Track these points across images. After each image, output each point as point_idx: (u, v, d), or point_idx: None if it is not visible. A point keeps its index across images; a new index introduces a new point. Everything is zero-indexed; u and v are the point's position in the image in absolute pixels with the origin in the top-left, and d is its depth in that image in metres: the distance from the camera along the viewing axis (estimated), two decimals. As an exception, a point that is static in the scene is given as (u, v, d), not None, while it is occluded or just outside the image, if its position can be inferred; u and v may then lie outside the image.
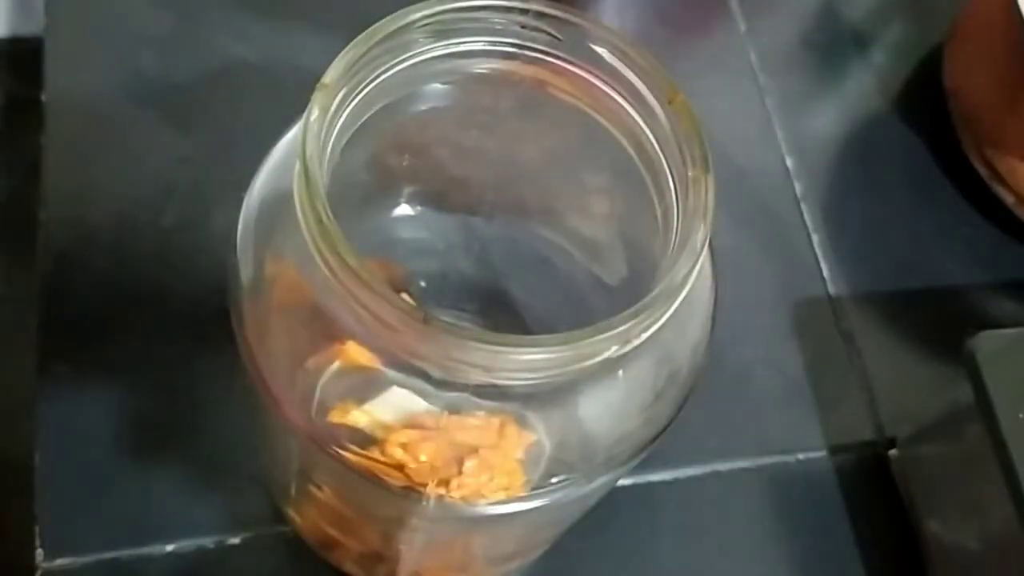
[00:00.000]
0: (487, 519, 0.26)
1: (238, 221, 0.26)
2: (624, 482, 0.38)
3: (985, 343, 0.34)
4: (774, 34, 0.49)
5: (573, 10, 0.24)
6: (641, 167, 0.24)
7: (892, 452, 0.40)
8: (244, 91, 0.43)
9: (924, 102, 0.48)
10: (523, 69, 0.25)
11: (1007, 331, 0.35)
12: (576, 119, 0.25)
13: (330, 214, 0.21)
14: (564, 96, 0.25)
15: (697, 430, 0.39)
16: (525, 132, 0.28)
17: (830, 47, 0.49)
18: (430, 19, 0.23)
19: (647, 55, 0.24)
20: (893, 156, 0.47)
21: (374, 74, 0.23)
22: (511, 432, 0.24)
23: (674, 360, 0.25)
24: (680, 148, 0.23)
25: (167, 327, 0.38)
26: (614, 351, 0.21)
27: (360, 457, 0.24)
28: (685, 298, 0.22)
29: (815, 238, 0.44)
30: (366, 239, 0.24)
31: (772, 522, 0.39)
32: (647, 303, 0.21)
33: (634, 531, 0.38)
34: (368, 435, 0.24)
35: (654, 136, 0.24)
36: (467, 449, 0.24)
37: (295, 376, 0.25)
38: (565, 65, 0.24)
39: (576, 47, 0.24)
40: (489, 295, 0.32)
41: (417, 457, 0.24)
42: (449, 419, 0.24)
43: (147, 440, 0.37)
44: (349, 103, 0.23)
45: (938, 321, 0.43)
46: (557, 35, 0.24)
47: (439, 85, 0.25)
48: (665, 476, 0.39)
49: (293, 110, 0.24)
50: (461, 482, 0.24)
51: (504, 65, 0.25)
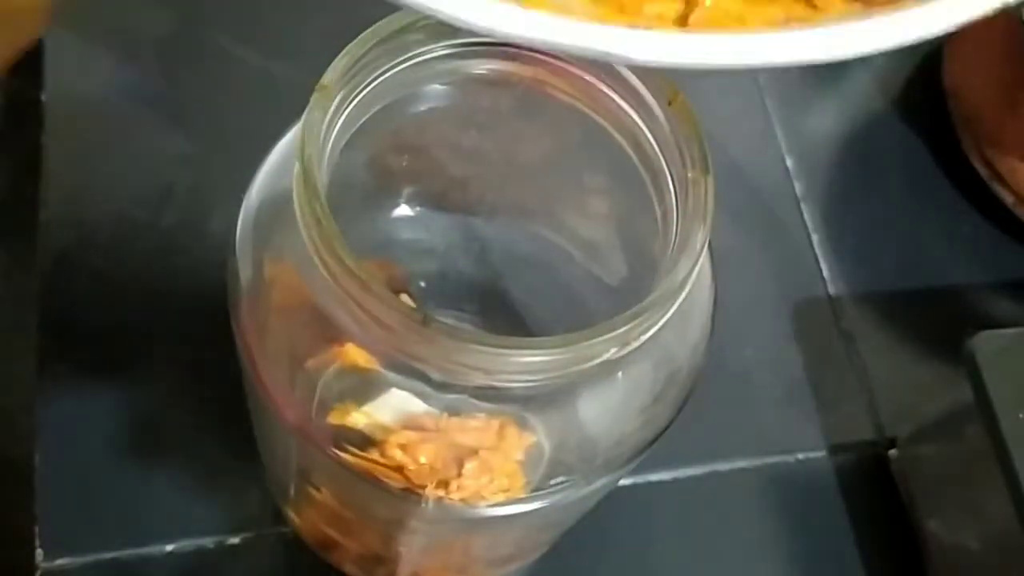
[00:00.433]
0: (486, 521, 0.26)
1: (237, 222, 0.26)
2: (624, 482, 0.38)
3: (985, 343, 0.34)
4: (774, 34, 0.48)
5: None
6: (641, 168, 0.24)
7: (892, 452, 0.40)
8: (244, 91, 0.43)
9: (924, 102, 0.48)
10: (522, 70, 0.25)
11: (1007, 331, 0.35)
12: (575, 120, 0.25)
13: (329, 215, 0.21)
14: (563, 97, 0.25)
15: (697, 430, 0.38)
16: (524, 133, 0.28)
17: (830, 47, 0.49)
18: (430, 20, 0.23)
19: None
20: (893, 156, 0.47)
21: (373, 75, 0.23)
22: (511, 434, 0.24)
23: (674, 361, 0.25)
24: (680, 149, 0.23)
25: (167, 327, 0.38)
26: (613, 353, 0.21)
27: (359, 459, 0.24)
28: (685, 299, 0.22)
29: (815, 238, 0.44)
30: (366, 240, 0.24)
31: (772, 522, 0.39)
32: (647, 304, 0.21)
33: (634, 531, 0.38)
34: (367, 437, 0.24)
35: (653, 137, 0.24)
36: (466, 451, 0.24)
37: (295, 377, 0.25)
38: (564, 66, 0.24)
39: (576, 48, 0.24)
40: (489, 296, 0.32)
41: (416, 459, 0.24)
42: (448, 421, 0.24)
43: (147, 440, 0.37)
44: (348, 104, 0.23)
45: (938, 321, 0.43)
46: (557, 36, 0.24)
47: (438, 86, 0.25)
48: (665, 476, 0.39)
49: (293, 111, 0.24)
50: (460, 484, 0.24)
51: (503, 66, 0.25)
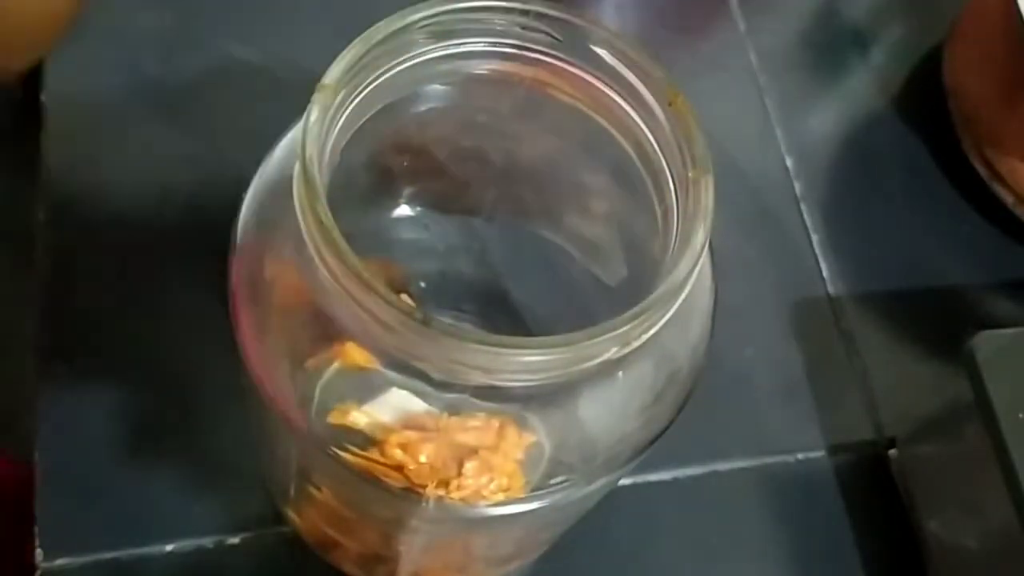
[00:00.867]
0: (487, 520, 0.26)
1: (237, 221, 0.26)
2: (624, 482, 0.38)
3: (985, 343, 0.34)
4: (774, 34, 0.48)
5: (573, 11, 0.24)
6: (641, 168, 0.24)
7: (892, 452, 0.40)
8: (244, 91, 0.43)
9: (924, 102, 0.48)
10: (523, 70, 0.25)
11: (1007, 331, 0.35)
12: (576, 120, 0.25)
13: (330, 215, 0.21)
14: (564, 97, 0.25)
15: (697, 430, 0.38)
16: (525, 133, 0.28)
17: (830, 47, 0.49)
18: (430, 20, 0.23)
19: (647, 56, 0.24)
20: (893, 156, 0.47)
21: (374, 75, 0.23)
22: (511, 433, 0.24)
23: (674, 361, 0.25)
24: (680, 149, 0.23)
25: (167, 327, 0.38)
26: (614, 352, 0.21)
27: (359, 458, 0.24)
28: (685, 299, 0.22)
29: (815, 238, 0.44)
30: (366, 240, 0.24)
31: (772, 522, 0.39)
32: (647, 304, 0.21)
33: (634, 531, 0.38)
34: (367, 436, 0.24)
35: (654, 137, 0.24)
36: (467, 450, 0.24)
37: (295, 376, 0.25)
38: (565, 66, 0.24)
39: (576, 48, 0.24)
40: (489, 296, 0.32)
41: (417, 458, 0.24)
42: (449, 420, 0.24)
43: (147, 440, 0.37)
44: (349, 104, 0.23)
45: (938, 321, 0.43)
46: (557, 36, 0.24)
47: (439, 86, 0.25)
48: (665, 476, 0.39)
49: (293, 110, 0.24)
50: (461, 483, 0.24)
51: (504, 66, 0.25)
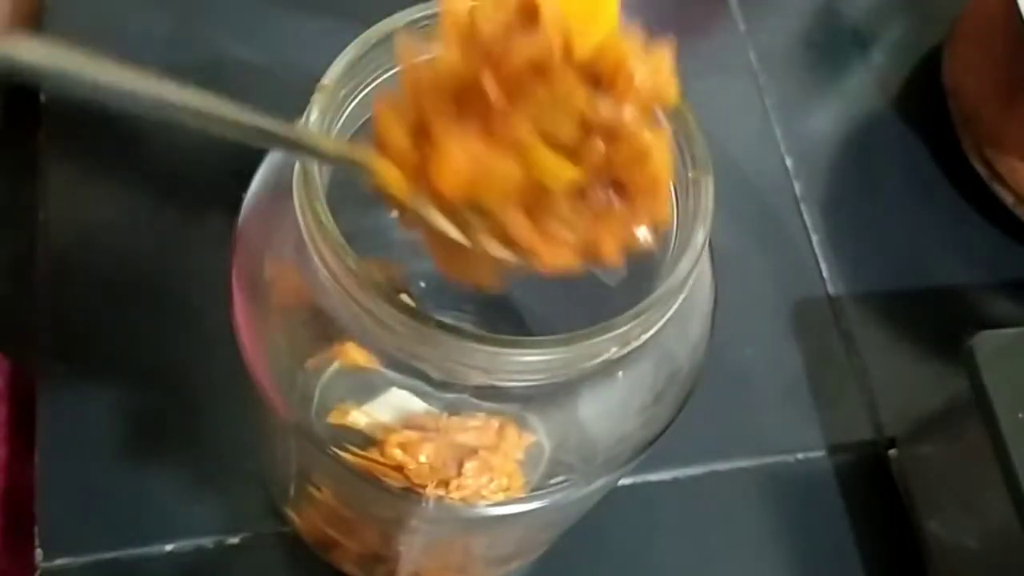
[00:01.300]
0: (487, 520, 0.26)
1: (237, 222, 0.26)
2: (624, 482, 0.38)
3: (985, 343, 0.34)
4: (774, 34, 0.48)
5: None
6: (641, 167, 0.24)
7: (892, 452, 0.40)
8: (244, 91, 0.42)
9: (924, 102, 0.48)
10: (522, 69, 0.24)
11: (1007, 331, 0.35)
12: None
13: (329, 215, 0.21)
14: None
15: (697, 430, 0.38)
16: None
17: (830, 47, 0.49)
18: (429, 20, 0.23)
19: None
20: (893, 156, 0.47)
21: (374, 75, 0.23)
22: (511, 433, 0.24)
23: (674, 360, 0.25)
24: (680, 149, 0.23)
25: (167, 327, 0.38)
26: (614, 352, 0.21)
27: (359, 458, 0.24)
28: (685, 298, 0.22)
29: (815, 238, 0.44)
30: (366, 239, 0.24)
31: (772, 522, 0.39)
32: (648, 304, 0.21)
33: (634, 531, 0.38)
34: (367, 436, 0.24)
35: (654, 136, 0.24)
36: (466, 450, 0.24)
37: (295, 376, 0.25)
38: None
39: (576, 47, 0.24)
40: (489, 296, 0.32)
41: (416, 458, 0.24)
42: (448, 420, 0.24)
43: (146, 440, 0.37)
44: (348, 104, 0.23)
45: (938, 321, 0.43)
46: (557, 35, 0.24)
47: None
48: (665, 476, 0.39)
49: (293, 110, 0.24)
50: (460, 483, 0.24)
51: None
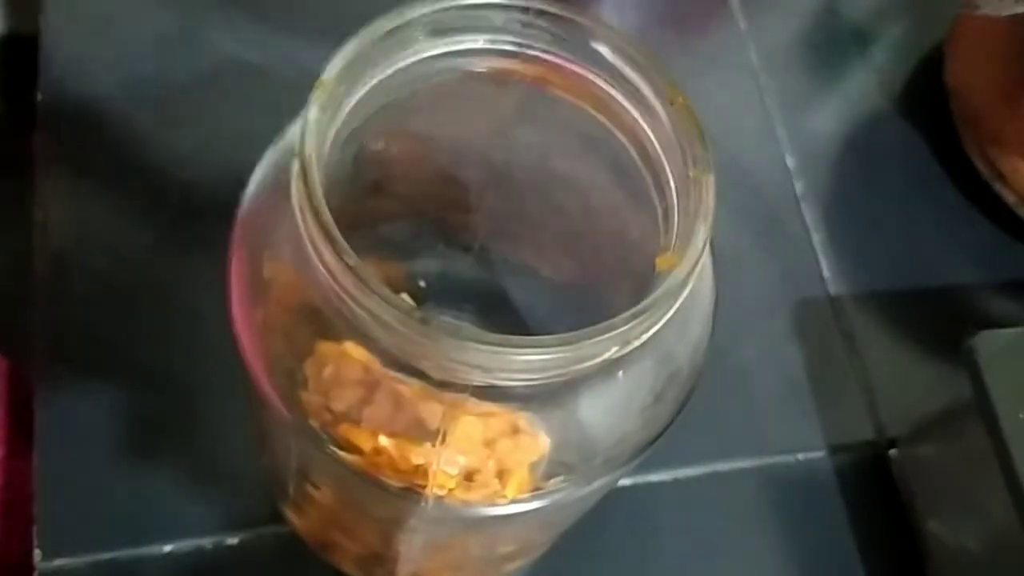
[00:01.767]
0: (486, 520, 0.26)
1: (236, 220, 0.25)
2: (624, 482, 0.38)
3: (985, 343, 0.34)
4: (774, 33, 0.48)
5: (573, 8, 0.24)
6: (642, 167, 0.24)
7: (892, 452, 0.40)
8: (243, 91, 0.43)
9: (925, 101, 0.48)
10: (523, 68, 0.24)
11: (1007, 331, 0.35)
12: (576, 118, 0.25)
13: (328, 214, 0.21)
14: (564, 95, 0.25)
15: (697, 430, 0.38)
16: (525, 131, 0.28)
17: (830, 46, 0.49)
18: (430, 17, 0.23)
19: (648, 54, 0.23)
20: (894, 155, 0.47)
21: (373, 73, 0.23)
22: (524, 440, 0.24)
23: (674, 361, 0.25)
24: (681, 148, 0.23)
25: (166, 327, 0.38)
26: (614, 352, 0.21)
27: (359, 457, 0.24)
28: (685, 298, 0.22)
29: (815, 238, 0.44)
30: (365, 239, 0.24)
31: (772, 522, 0.39)
32: (648, 304, 0.21)
33: (634, 531, 0.38)
34: (367, 435, 0.24)
35: (655, 135, 0.24)
36: (468, 451, 0.24)
37: (294, 376, 0.25)
38: (565, 64, 0.24)
39: (577, 46, 0.24)
40: (489, 295, 0.32)
41: (415, 458, 0.24)
42: (449, 421, 0.24)
43: (145, 440, 0.36)
44: (348, 102, 0.23)
45: (938, 321, 0.43)
46: (558, 34, 0.24)
47: (438, 83, 0.25)
48: (665, 476, 0.39)
49: (292, 110, 0.24)
50: (460, 483, 0.24)
51: (504, 64, 0.24)
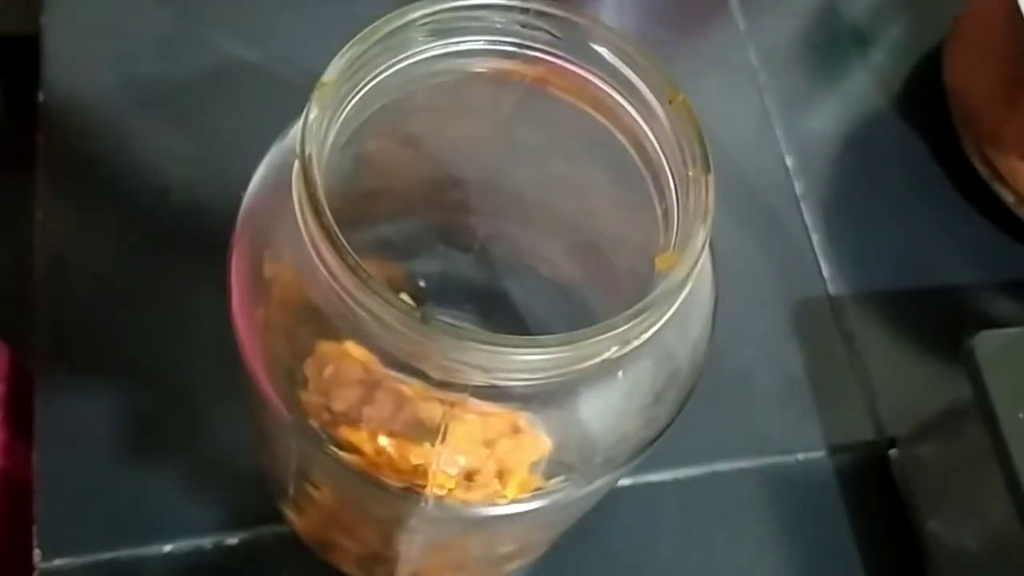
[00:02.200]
0: (486, 520, 0.26)
1: (237, 221, 0.25)
2: (624, 482, 0.38)
3: (985, 343, 0.34)
4: (774, 33, 0.48)
5: (573, 9, 0.24)
6: (641, 167, 0.24)
7: (892, 452, 0.40)
8: (244, 91, 0.43)
9: (924, 101, 0.48)
10: (523, 68, 0.25)
11: (1007, 331, 0.35)
12: (576, 118, 0.25)
13: (329, 214, 0.21)
14: (564, 95, 0.25)
15: (697, 430, 0.38)
16: (525, 131, 0.28)
17: (830, 46, 0.49)
18: (430, 18, 0.23)
19: (648, 54, 0.24)
20: (893, 156, 0.47)
21: (373, 73, 0.23)
22: (524, 440, 0.24)
23: (674, 360, 0.25)
24: (680, 147, 0.23)
25: (166, 327, 0.38)
26: (614, 352, 0.21)
27: (358, 457, 0.24)
28: (685, 298, 0.22)
29: (815, 238, 0.44)
30: (365, 239, 0.24)
31: (772, 522, 0.39)
32: (647, 303, 0.21)
33: (634, 531, 0.38)
34: (367, 435, 0.24)
35: (654, 135, 0.24)
36: (468, 451, 0.24)
37: (294, 376, 0.25)
38: (565, 64, 0.24)
39: (576, 46, 0.24)
40: (489, 295, 0.32)
41: (415, 458, 0.24)
42: (449, 421, 0.24)
43: (145, 440, 0.37)
44: (348, 102, 0.23)
45: (938, 321, 0.43)
46: (557, 34, 0.24)
47: (439, 84, 0.25)
48: (665, 476, 0.39)
49: (292, 110, 0.24)
50: (461, 483, 0.24)
51: (504, 64, 0.24)
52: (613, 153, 0.25)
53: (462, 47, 0.24)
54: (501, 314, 0.32)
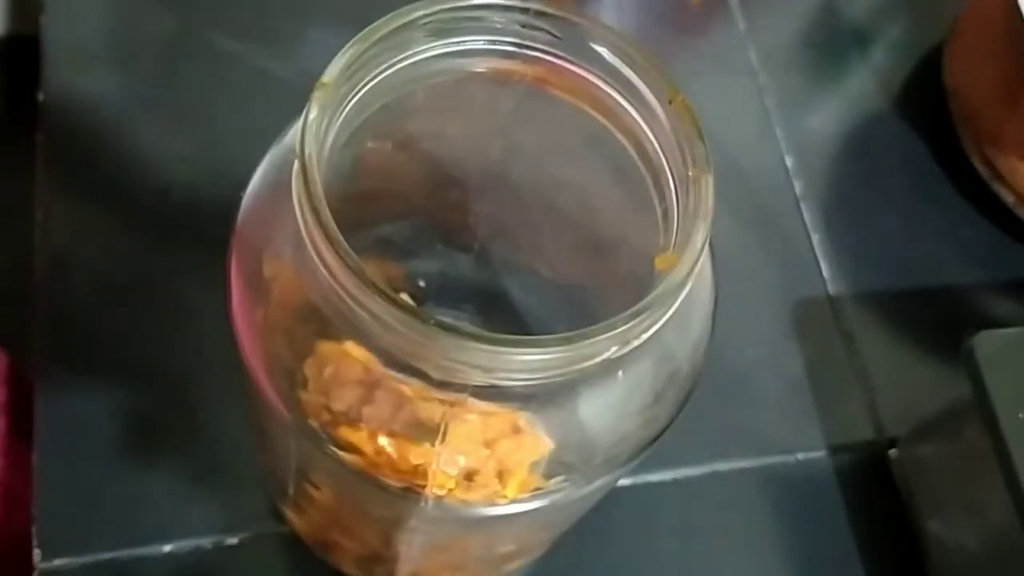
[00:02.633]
0: (486, 520, 0.26)
1: (236, 220, 0.25)
2: (624, 482, 0.38)
3: (985, 343, 0.34)
4: (774, 33, 0.48)
5: (573, 9, 0.24)
6: (641, 167, 0.24)
7: (892, 452, 0.40)
8: (244, 91, 0.43)
9: (924, 101, 0.48)
10: (523, 68, 0.25)
11: (1007, 331, 0.35)
12: (576, 118, 0.25)
13: (328, 214, 0.21)
14: (563, 95, 0.25)
15: (697, 430, 0.39)
16: (525, 131, 0.28)
17: (830, 46, 0.49)
18: (430, 18, 0.23)
19: (647, 54, 0.23)
20: (893, 155, 0.47)
21: (373, 73, 0.23)
22: (524, 440, 0.24)
23: (674, 360, 0.25)
24: (680, 147, 0.23)
25: (165, 327, 0.38)
26: (614, 351, 0.21)
27: (358, 457, 0.24)
28: (685, 298, 0.22)
29: (815, 238, 0.44)
30: (365, 239, 0.24)
31: (772, 522, 0.39)
32: (647, 303, 0.21)
33: (634, 531, 0.38)
34: (367, 435, 0.24)
35: (654, 135, 0.24)
36: (468, 451, 0.24)
37: (294, 376, 0.25)
38: (565, 64, 0.24)
39: (576, 46, 0.24)
40: (489, 295, 0.32)
41: (415, 457, 0.24)
42: (449, 421, 0.24)
43: (145, 440, 0.37)
44: (348, 102, 0.23)
45: (938, 321, 0.43)
46: (557, 34, 0.24)
47: (439, 84, 0.25)
48: (665, 476, 0.39)
49: (292, 110, 0.24)
50: (461, 483, 0.24)
51: (503, 64, 0.24)
52: (613, 153, 0.25)
53: (462, 47, 0.24)
54: (501, 314, 0.32)
